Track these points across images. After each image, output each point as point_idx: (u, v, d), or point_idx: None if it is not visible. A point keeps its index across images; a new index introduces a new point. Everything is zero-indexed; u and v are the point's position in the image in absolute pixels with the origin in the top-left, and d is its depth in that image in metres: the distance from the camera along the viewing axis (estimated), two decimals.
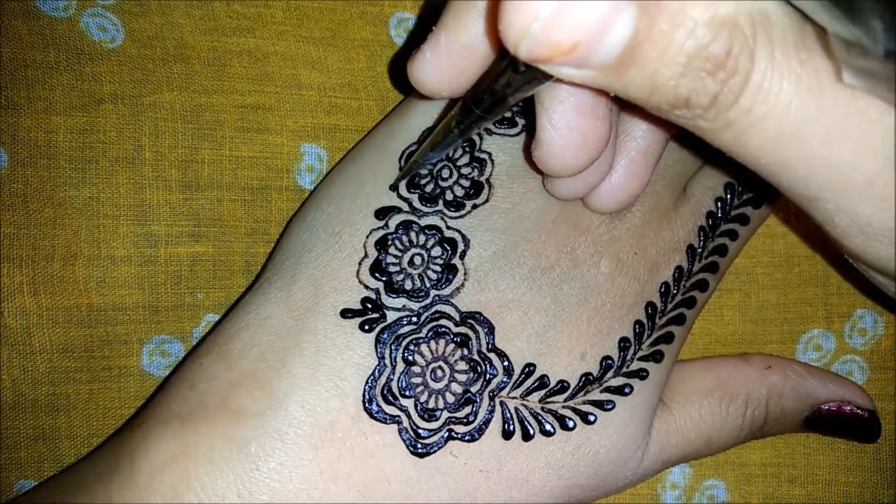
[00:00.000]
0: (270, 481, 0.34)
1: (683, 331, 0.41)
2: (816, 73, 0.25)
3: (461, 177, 0.38)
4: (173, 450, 0.34)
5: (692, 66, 0.24)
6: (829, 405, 0.43)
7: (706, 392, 0.42)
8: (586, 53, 0.24)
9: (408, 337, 0.36)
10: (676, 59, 0.24)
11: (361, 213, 0.38)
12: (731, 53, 0.24)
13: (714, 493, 0.47)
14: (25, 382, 0.41)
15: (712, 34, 0.24)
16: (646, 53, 0.24)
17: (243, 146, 0.44)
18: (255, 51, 0.44)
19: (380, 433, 0.35)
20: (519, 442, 0.37)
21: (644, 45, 0.24)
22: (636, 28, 0.23)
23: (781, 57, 0.25)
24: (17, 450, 0.41)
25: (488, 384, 0.36)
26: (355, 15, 0.45)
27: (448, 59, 0.31)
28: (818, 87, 0.25)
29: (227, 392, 0.35)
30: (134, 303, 0.43)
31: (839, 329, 0.47)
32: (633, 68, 0.25)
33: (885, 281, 0.32)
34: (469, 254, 0.37)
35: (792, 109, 0.25)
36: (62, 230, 0.41)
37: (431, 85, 0.32)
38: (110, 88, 0.42)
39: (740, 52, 0.24)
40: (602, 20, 0.23)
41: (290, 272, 0.38)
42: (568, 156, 0.32)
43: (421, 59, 0.32)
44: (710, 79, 0.25)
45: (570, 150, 0.32)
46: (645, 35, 0.24)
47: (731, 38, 0.24)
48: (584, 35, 0.23)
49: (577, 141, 0.32)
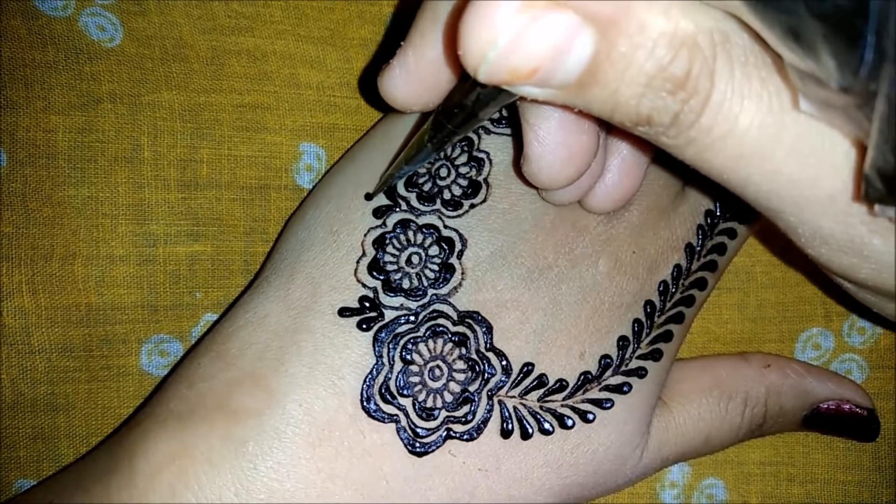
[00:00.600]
0: (268, 480, 0.34)
1: (682, 329, 0.41)
2: (777, 92, 0.25)
3: (459, 176, 0.38)
4: (171, 450, 0.34)
5: (653, 86, 0.24)
6: (828, 404, 0.43)
7: (705, 391, 0.42)
8: (546, 76, 0.24)
9: (406, 336, 0.36)
10: (637, 79, 0.24)
11: (359, 211, 0.38)
12: (692, 73, 0.24)
13: (713, 492, 0.47)
14: (24, 382, 0.41)
15: (672, 54, 0.24)
16: (606, 73, 0.24)
17: (242, 145, 0.44)
18: (253, 50, 0.44)
19: (378, 432, 0.35)
20: (517, 441, 0.37)
21: (604, 66, 0.24)
22: (595, 50, 0.24)
23: (741, 76, 0.25)
24: (15, 449, 0.41)
25: (486, 383, 0.36)
26: (354, 14, 0.45)
27: (417, 75, 0.32)
28: (779, 105, 0.25)
29: (226, 391, 0.35)
30: (133, 302, 0.43)
31: (838, 328, 0.48)
32: (595, 88, 0.25)
33: (853, 288, 0.32)
34: (466, 253, 0.37)
35: (753, 128, 0.25)
36: (61, 229, 0.41)
37: (402, 100, 0.33)
38: (109, 88, 0.42)
39: (700, 72, 0.24)
40: (559, 45, 0.23)
41: (288, 271, 0.38)
42: (556, 170, 0.32)
43: (390, 75, 0.33)
44: (671, 98, 0.25)
45: (558, 164, 0.32)
46: (604, 56, 0.24)
47: (690, 58, 0.24)
48: (542, 60, 0.24)
49: (564, 155, 0.32)
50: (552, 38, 0.23)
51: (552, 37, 0.23)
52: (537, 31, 0.23)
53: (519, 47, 0.23)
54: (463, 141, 0.39)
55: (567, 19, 0.23)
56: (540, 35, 0.23)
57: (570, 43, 0.23)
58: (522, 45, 0.23)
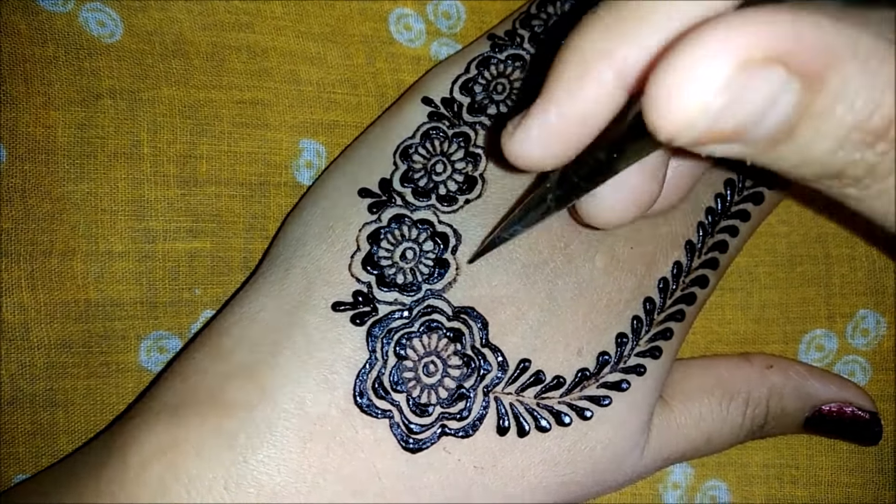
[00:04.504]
0: (258, 474, 0.33)
1: (683, 327, 0.40)
2: None
3: (455, 171, 0.38)
4: (163, 442, 0.34)
5: (850, 139, 0.23)
6: (830, 406, 0.43)
7: (707, 390, 0.41)
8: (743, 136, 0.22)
9: (400, 331, 0.36)
10: (834, 133, 0.23)
11: (354, 207, 0.38)
12: (893, 124, 0.22)
13: (716, 494, 0.47)
14: (23, 377, 0.41)
15: (873, 105, 0.22)
16: (803, 129, 0.22)
17: (242, 142, 0.44)
18: (254, 46, 0.44)
19: (371, 428, 0.35)
20: (514, 438, 0.36)
21: (803, 121, 0.22)
22: (796, 104, 0.22)
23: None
24: (14, 445, 0.41)
25: (482, 379, 0.36)
26: (355, 11, 0.45)
27: (558, 134, 0.28)
28: None
29: (218, 385, 0.35)
30: (132, 298, 0.43)
31: (841, 329, 0.47)
32: (788, 144, 0.23)
33: None
34: (461, 249, 0.37)
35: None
36: (60, 225, 0.41)
37: (536, 161, 0.29)
38: (109, 83, 0.42)
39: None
40: (767, 104, 0.21)
41: (283, 266, 0.38)
42: (618, 213, 0.32)
43: (524, 136, 0.29)
44: (870, 151, 0.23)
45: (621, 208, 0.32)
46: (805, 110, 0.22)
47: (891, 109, 0.22)
48: (748, 122, 0.22)
49: (630, 200, 0.31)
50: (762, 98, 0.21)
51: (762, 96, 0.21)
52: (751, 92, 0.21)
53: (730, 111, 0.21)
54: (460, 137, 0.39)
55: (777, 77, 0.21)
56: (752, 96, 0.21)
57: (775, 101, 0.21)
58: (735, 107, 0.21)
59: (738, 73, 0.20)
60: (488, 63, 0.41)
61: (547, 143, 0.28)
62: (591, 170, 0.28)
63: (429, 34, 0.46)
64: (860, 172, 0.24)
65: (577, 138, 0.28)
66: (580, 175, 0.28)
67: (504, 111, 0.39)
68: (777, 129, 0.22)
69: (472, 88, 0.40)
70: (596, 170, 0.28)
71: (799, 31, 0.21)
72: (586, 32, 0.26)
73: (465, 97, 0.40)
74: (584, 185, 0.29)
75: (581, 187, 0.29)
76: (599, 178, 0.28)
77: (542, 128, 0.28)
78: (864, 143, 0.23)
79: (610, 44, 0.25)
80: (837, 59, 0.21)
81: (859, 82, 0.22)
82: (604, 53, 0.25)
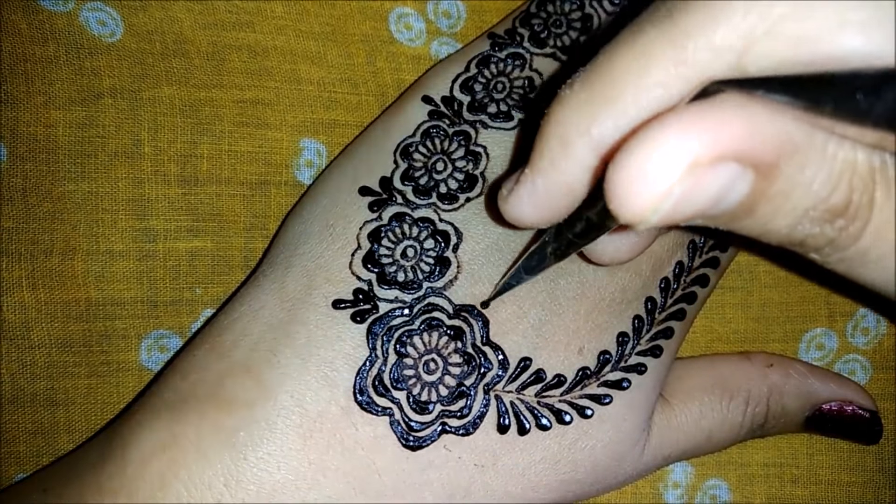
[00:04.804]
0: (258, 471, 0.33)
1: (684, 326, 0.40)
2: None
3: (456, 170, 0.38)
4: (162, 439, 0.34)
5: (809, 217, 0.24)
6: (831, 405, 0.43)
7: (707, 389, 0.41)
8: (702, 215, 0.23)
9: (400, 328, 0.36)
10: (793, 212, 0.24)
11: (355, 205, 0.38)
12: (852, 202, 0.23)
13: (716, 493, 0.47)
14: (24, 377, 0.41)
15: (831, 186, 0.23)
16: (761, 209, 0.24)
17: (242, 141, 0.44)
18: (254, 45, 0.44)
19: (371, 425, 0.35)
20: (515, 436, 0.36)
21: (760, 203, 0.23)
22: (751, 191, 0.23)
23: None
24: (15, 444, 0.42)
25: (483, 378, 0.36)
26: (355, 10, 0.45)
27: (546, 200, 0.30)
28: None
29: (218, 382, 0.35)
30: (132, 297, 0.43)
31: (842, 328, 0.47)
32: (747, 220, 0.24)
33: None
34: (462, 247, 0.37)
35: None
36: (61, 225, 0.41)
37: (530, 222, 0.31)
38: (109, 83, 0.42)
39: (860, 201, 0.23)
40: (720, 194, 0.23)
41: (284, 264, 0.38)
42: (622, 254, 0.33)
43: (517, 201, 0.31)
44: (829, 226, 0.24)
45: (625, 249, 0.33)
46: (760, 195, 0.23)
47: (850, 188, 0.23)
48: (702, 210, 0.23)
49: (633, 241, 0.33)
50: (715, 190, 0.22)
51: (716, 188, 0.22)
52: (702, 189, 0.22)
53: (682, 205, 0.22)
54: (460, 135, 0.39)
55: (730, 170, 0.22)
56: (703, 191, 0.22)
57: (729, 190, 0.23)
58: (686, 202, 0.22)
59: (689, 171, 0.22)
60: (488, 62, 0.41)
61: (537, 207, 0.30)
62: (584, 228, 0.29)
63: (429, 33, 0.46)
64: (821, 243, 0.25)
65: (564, 204, 0.29)
66: (573, 233, 0.30)
67: (504, 110, 0.39)
68: (734, 211, 0.23)
69: (473, 87, 0.40)
70: (588, 228, 0.29)
71: (751, 126, 0.22)
72: (564, 107, 0.27)
73: (466, 96, 0.40)
74: (578, 241, 0.30)
75: (575, 243, 0.30)
76: (592, 236, 0.30)
77: (530, 194, 0.30)
78: (822, 219, 0.24)
79: (585, 121, 0.26)
80: (792, 148, 0.22)
81: (817, 166, 0.23)
82: (580, 130, 0.26)
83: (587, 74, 0.26)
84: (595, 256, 0.34)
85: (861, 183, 0.23)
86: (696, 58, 0.23)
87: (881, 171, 0.24)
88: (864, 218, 0.24)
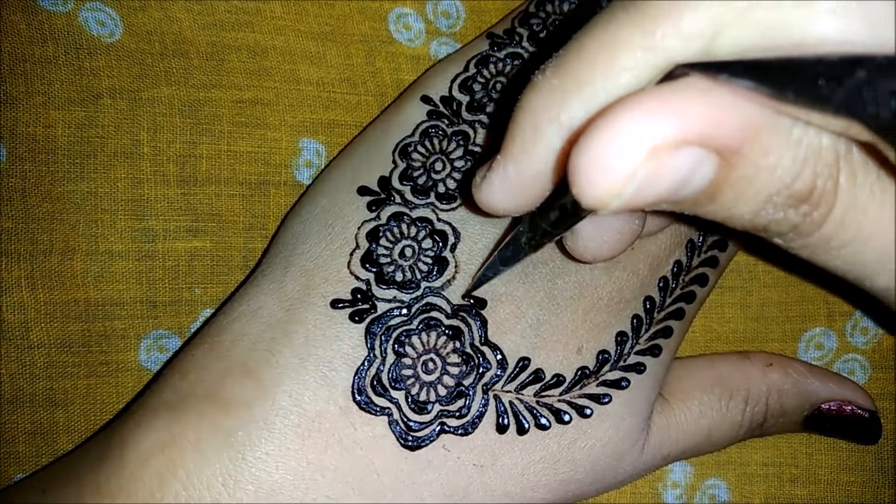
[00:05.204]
0: (256, 471, 0.33)
1: (683, 325, 0.40)
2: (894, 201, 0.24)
3: (454, 169, 0.38)
4: (161, 438, 0.34)
5: (773, 202, 0.24)
6: (830, 404, 0.43)
7: (706, 388, 0.41)
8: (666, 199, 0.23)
9: (398, 328, 0.36)
10: (757, 197, 0.24)
11: (354, 205, 0.38)
12: (816, 189, 0.23)
13: (715, 493, 0.47)
14: (23, 377, 0.41)
15: (795, 172, 0.23)
16: (724, 194, 0.24)
17: (241, 141, 0.44)
18: (253, 45, 0.44)
19: (369, 425, 0.35)
20: (514, 436, 0.36)
21: (723, 188, 0.23)
22: (714, 175, 0.23)
23: (863, 187, 0.24)
24: (14, 444, 0.42)
25: (481, 377, 0.36)
26: (354, 10, 0.45)
27: (518, 187, 0.30)
28: None
29: (217, 382, 0.35)
30: (132, 298, 0.43)
31: (841, 328, 0.47)
32: (711, 205, 0.24)
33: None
34: (460, 247, 0.37)
35: (875, 236, 0.24)
36: (60, 225, 0.41)
37: (503, 209, 0.31)
38: (109, 83, 0.42)
39: (824, 188, 0.23)
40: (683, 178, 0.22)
41: (282, 264, 0.38)
42: (603, 251, 0.33)
43: (489, 187, 0.30)
44: (792, 211, 0.24)
45: (606, 247, 0.32)
46: (724, 179, 0.23)
47: (814, 173, 0.23)
48: (665, 194, 0.23)
49: (614, 238, 0.32)
50: (677, 175, 0.22)
51: (677, 174, 0.22)
52: (664, 173, 0.22)
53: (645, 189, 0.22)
54: (459, 135, 0.39)
55: (692, 154, 0.22)
56: (666, 175, 0.22)
57: (692, 174, 0.22)
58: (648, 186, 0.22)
59: (651, 155, 0.21)
60: (487, 62, 0.41)
61: (509, 194, 0.30)
62: (558, 217, 0.29)
63: (428, 33, 0.46)
64: (784, 229, 0.25)
65: (536, 190, 0.29)
66: (547, 222, 0.29)
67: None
68: (698, 195, 0.23)
69: (471, 87, 0.40)
70: (562, 217, 0.28)
71: (714, 110, 0.22)
72: (535, 93, 0.27)
73: (465, 95, 0.40)
74: (551, 230, 0.30)
75: (549, 232, 0.30)
76: (566, 224, 0.29)
77: (503, 181, 0.29)
78: (786, 205, 0.24)
79: (555, 106, 0.26)
80: (756, 133, 0.22)
81: (781, 152, 0.23)
82: (549, 116, 0.26)
83: (558, 60, 0.26)
84: (577, 253, 0.33)
85: (826, 169, 0.23)
86: (665, 44, 0.23)
87: (845, 157, 0.24)
88: (829, 204, 0.24)
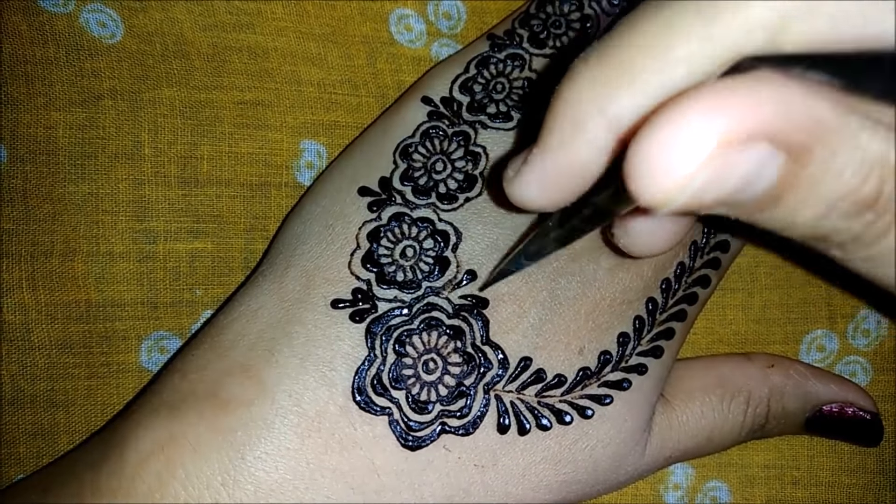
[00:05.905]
0: (255, 470, 0.33)
1: (684, 327, 0.40)
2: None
3: (455, 170, 0.38)
4: (160, 438, 0.34)
5: (836, 208, 0.22)
6: (832, 406, 0.43)
7: (708, 389, 0.41)
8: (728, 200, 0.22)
9: (399, 328, 0.36)
10: (821, 201, 0.22)
11: (355, 205, 0.38)
12: (882, 194, 0.22)
13: (716, 495, 0.47)
14: (24, 378, 0.41)
15: (862, 176, 0.22)
16: (789, 197, 0.22)
17: (243, 142, 0.44)
18: (254, 47, 0.44)
19: (369, 425, 0.35)
20: (515, 436, 0.36)
21: (788, 190, 0.22)
22: (781, 175, 0.21)
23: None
24: (15, 445, 0.41)
25: (483, 377, 0.36)
26: (356, 11, 0.45)
27: (555, 183, 0.28)
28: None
29: (217, 381, 0.35)
30: (133, 299, 0.43)
31: (842, 330, 0.47)
32: (774, 210, 0.23)
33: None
34: (461, 247, 0.37)
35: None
36: (61, 226, 0.41)
37: (536, 204, 0.30)
38: (110, 84, 0.42)
39: (891, 194, 0.22)
40: (749, 177, 0.21)
41: (283, 264, 0.38)
42: (654, 247, 0.32)
43: (524, 181, 0.29)
44: (856, 219, 0.23)
45: (659, 242, 0.32)
46: (790, 181, 0.22)
47: (881, 179, 0.22)
48: (730, 194, 0.22)
49: (665, 233, 0.31)
50: (744, 173, 0.21)
51: (744, 171, 0.21)
52: (730, 171, 0.21)
53: (708, 189, 0.21)
54: (459, 136, 0.39)
55: (761, 152, 0.21)
56: (732, 173, 0.21)
57: (759, 173, 0.21)
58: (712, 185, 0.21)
59: (719, 151, 0.20)
60: (487, 62, 0.41)
61: (544, 189, 0.28)
62: (591, 214, 0.27)
63: (429, 35, 0.46)
64: (845, 238, 0.23)
65: (573, 186, 0.28)
66: (580, 218, 0.28)
67: (503, 110, 0.39)
68: (761, 198, 0.22)
69: (472, 88, 0.40)
70: (595, 214, 0.27)
71: (786, 105, 0.20)
72: (577, 82, 0.25)
73: (465, 96, 0.40)
74: (583, 227, 0.28)
75: (581, 229, 0.29)
76: (598, 222, 0.28)
77: (538, 175, 0.28)
78: (851, 212, 0.22)
79: (600, 99, 0.25)
80: (826, 132, 0.21)
81: (849, 153, 0.21)
82: (594, 108, 0.25)
83: (603, 48, 0.24)
84: (628, 248, 0.32)
85: (893, 174, 0.22)
86: (727, 34, 0.22)
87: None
88: (893, 213, 0.23)
